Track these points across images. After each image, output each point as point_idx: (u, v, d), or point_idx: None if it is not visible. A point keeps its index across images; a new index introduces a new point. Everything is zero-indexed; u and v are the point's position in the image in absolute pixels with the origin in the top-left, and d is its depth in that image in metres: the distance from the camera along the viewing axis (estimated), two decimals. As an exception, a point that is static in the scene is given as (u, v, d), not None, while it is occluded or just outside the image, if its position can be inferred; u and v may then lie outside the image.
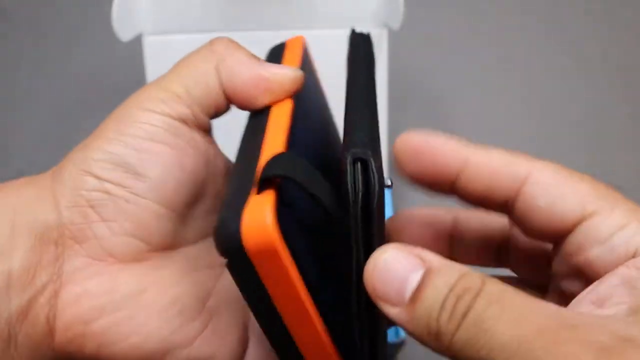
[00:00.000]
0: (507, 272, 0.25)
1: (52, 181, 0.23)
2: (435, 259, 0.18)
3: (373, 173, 0.18)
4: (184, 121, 0.23)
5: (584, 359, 0.15)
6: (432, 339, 0.17)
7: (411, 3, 0.47)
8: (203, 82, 0.23)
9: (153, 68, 0.49)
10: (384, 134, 0.51)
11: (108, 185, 0.22)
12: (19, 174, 0.24)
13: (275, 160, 0.19)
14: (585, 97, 0.66)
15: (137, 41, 0.47)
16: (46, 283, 0.21)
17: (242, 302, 0.21)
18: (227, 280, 0.24)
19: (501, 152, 0.21)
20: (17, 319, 0.20)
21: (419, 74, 0.66)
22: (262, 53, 0.51)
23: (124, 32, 0.45)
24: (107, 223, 0.22)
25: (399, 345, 0.46)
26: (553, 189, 0.20)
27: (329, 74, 0.50)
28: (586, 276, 0.19)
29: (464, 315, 0.16)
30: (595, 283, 0.19)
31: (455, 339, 0.16)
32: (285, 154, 0.20)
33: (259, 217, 0.18)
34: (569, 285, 0.20)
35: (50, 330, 0.21)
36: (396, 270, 0.18)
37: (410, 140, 0.21)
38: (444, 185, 0.21)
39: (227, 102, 0.24)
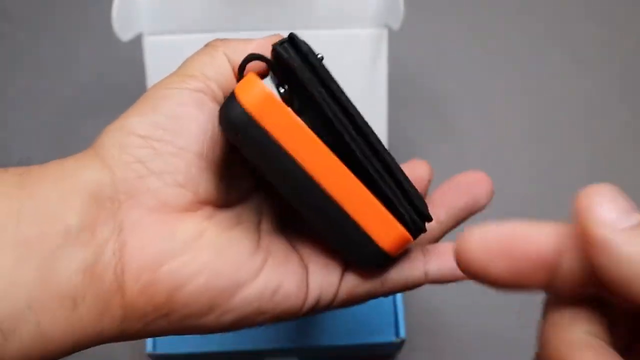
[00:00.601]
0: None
1: (95, 150, 0.24)
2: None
3: (298, 39, 0.22)
4: (204, 93, 0.25)
5: None
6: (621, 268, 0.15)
7: (411, 3, 0.47)
8: (214, 64, 0.25)
9: (153, 68, 0.49)
10: (384, 134, 0.51)
11: (153, 142, 0.23)
12: (18, 173, 0.24)
13: (247, 56, 0.23)
14: (585, 96, 0.66)
15: (137, 41, 0.47)
16: (108, 237, 0.22)
17: (286, 232, 0.26)
18: (266, 223, 0.27)
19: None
20: (84, 277, 0.21)
21: (419, 74, 0.66)
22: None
23: (124, 32, 0.45)
24: (158, 175, 0.23)
25: (399, 344, 0.46)
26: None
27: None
28: None
29: None
30: None
31: None
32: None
33: (248, 81, 0.21)
34: None
35: (120, 286, 0.22)
36: (619, 204, 0.16)
37: (489, 238, 0.18)
38: (537, 281, 0.18)
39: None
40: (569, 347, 0.17)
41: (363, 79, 0.50)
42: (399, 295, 0.46)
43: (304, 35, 0.27)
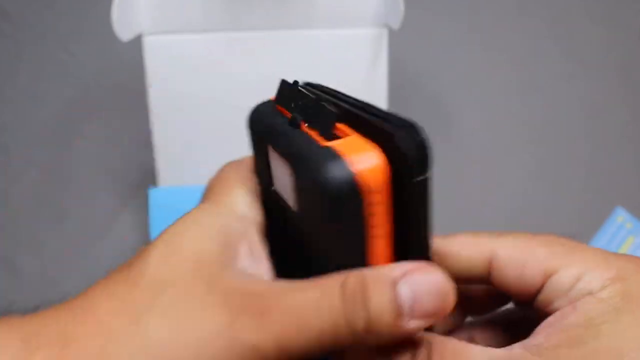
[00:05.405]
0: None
1: None
2: None
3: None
4: None
5: None
6: None
7: (411, 3, 0.47)
8: None
9: (153, 68, 0.49)
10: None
11: None
12: (18, 174, 0.24)
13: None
14: (585, 96, 0.66)
15: (137, 41, 0.47)
16: None
17: None
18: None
19: (463, 237, 0.24)
20: None
21: (419, 74, 0.66)
22: (262, 52, 0.51)
23: (124, 32, 0.45)
24: None
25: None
26: (515, 263, 0.23)
27: (327, 74, 0.50)
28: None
29: None
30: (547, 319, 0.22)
31: None
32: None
33: (363, 147, 0.19)
34: None
35: None
36: None
37: None
38: None
39: None
40: None
41: (363, 78, 0.50)
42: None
43: (303, 35, 0.27)
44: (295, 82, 0.23)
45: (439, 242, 0.24)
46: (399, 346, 0.21)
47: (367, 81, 0.50)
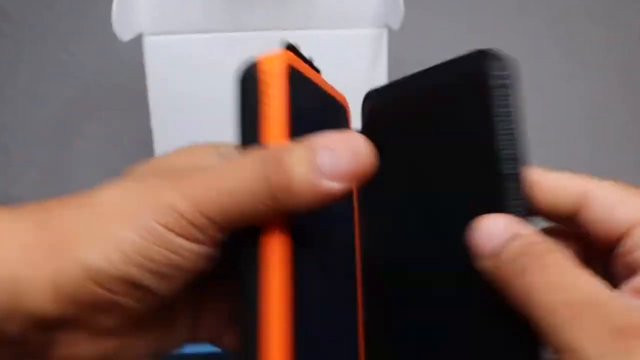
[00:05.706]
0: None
1: None
2: (524, 229, 0.22)
3: None
4: None
5: (597, 335, 0.18)
6: (503, 285, 0.21)
7: (411, 3, 0.47)
8: None
9: (153, 68, 0.49)
10: (384, 134, 0.51)
11: None
12: (18, 174, 0.24)
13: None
14: (585, 97, 0.66)
15: (137, 41, 0.47)
16: None
17: None
18: None
19: (562, 172, 0.26)
20: None
21: (419, 74, 0.66)
22: (262, 52, 0.50)
23: (124, 32, 0.45)
24: None
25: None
26: (609, 203, 0.24)
27: (327, 74, 0.50)
28: (635, 273, 0.23)
29: (522, 273, 0.20)
30: (636, 277, 0.22)
31: (515, 291, 0.20)
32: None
33: (274, 56, 0.24)
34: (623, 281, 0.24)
35: None
36: (495, 232, 0.22)
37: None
38: None
39: None
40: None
41: (363, 79, 0.50)
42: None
43: (304, 35, 0.27)
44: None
45: (536, 172, 0.26)
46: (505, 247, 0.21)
47: (367, 81, 0.50)
